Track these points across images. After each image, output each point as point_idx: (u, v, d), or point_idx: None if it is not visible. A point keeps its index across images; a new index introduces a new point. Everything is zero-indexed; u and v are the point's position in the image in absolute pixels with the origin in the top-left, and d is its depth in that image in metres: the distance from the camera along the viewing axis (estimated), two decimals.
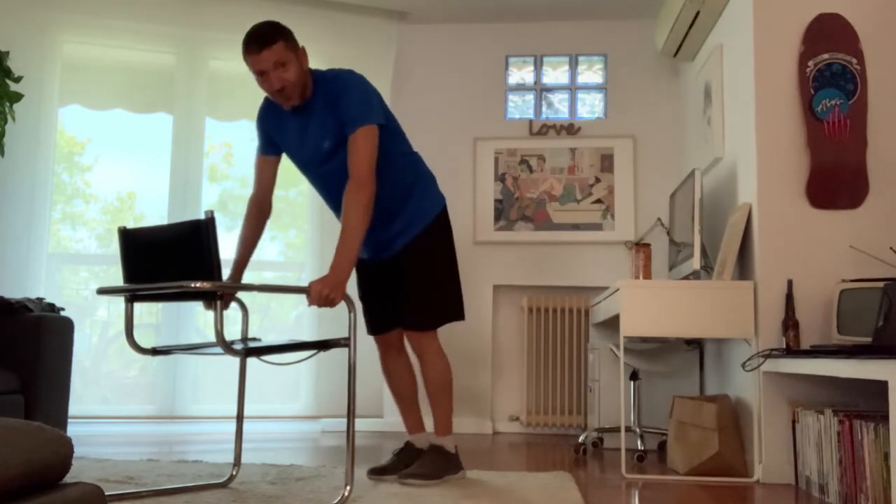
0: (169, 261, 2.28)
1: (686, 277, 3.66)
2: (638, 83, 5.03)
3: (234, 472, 2.73)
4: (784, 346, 3.04)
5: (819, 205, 3.19)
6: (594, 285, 4.89)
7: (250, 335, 2.85)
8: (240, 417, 2.83)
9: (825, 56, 3.23)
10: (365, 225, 2.54)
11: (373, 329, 2.99)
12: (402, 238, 2.83)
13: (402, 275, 2.84)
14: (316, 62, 4.93)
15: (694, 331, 3.17)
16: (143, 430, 4.52)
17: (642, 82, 5.03)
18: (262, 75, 2.60)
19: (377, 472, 2.87)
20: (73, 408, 4.36)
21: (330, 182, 2.77)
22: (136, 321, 2.47)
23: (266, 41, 2.55)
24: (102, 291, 2.36)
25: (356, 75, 2.70)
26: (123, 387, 4.58)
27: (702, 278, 3.61)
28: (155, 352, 2.49)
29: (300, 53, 2.64)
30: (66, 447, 1.41)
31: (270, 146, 2.83)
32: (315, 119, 2.69)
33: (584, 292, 4.94)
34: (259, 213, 2.83)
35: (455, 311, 2.86)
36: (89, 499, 1.40)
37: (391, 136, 2.77)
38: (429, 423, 4.13)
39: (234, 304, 2.76)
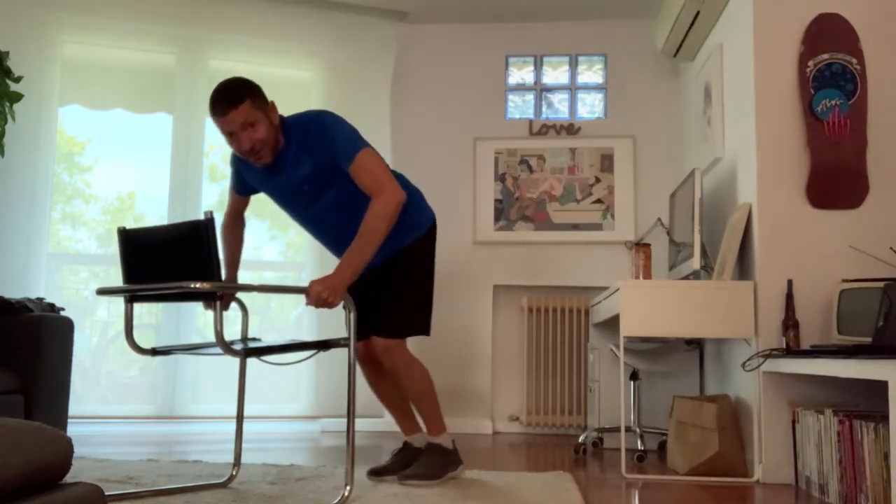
0: (168, 261, 2.27)
1: (686, 277, 3.66)
2: (638, 83, 5.03)
3: (234, 472, 2.73)
4: (784, 346, 3.04)
5: (819, 205, 3.19)
6: (594, 285, 4.89)
7: (250, 335, 2.85)
8: (240, 417, 2.83)
9: (825, 56, 3.24)
10: (384, 235, 2.51)
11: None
12: (388, 248, 2.81)
13: (387, 283, 2.82)
14: (316, 62, 4.93)
15: (694, 331, 3.17)
16: (143, 430, 4.52)
17: (642, 82, 5.03)
18: (230, 136, 2.55)
19: (377, 473, 2.87)
20: (73, 408, 4.36)
21: (319, 222, 2.75)
22: (136, 321, 2.47)
23: (232, 102, 2.49)
24: (102, 292, 2.36)
25: (329, 113, 2.67)
26: (123, 387, 4.58)
27: (702, 278, 3.61)
28: (155, 352, 2.49)
29: (269, 110, 2.59)
30: (66, 447, 1.41)
31: (244, 188, 2.85)
32: (290, 164, 2.65)
33: (584, 292, 4.94)
34: (234, 227, 2.92)
35: (422, 325, 2.82)
36: (89, 499, 1.40)
37: None
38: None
39: (233, 305, 2.77)
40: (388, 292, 2.81)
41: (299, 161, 2.63)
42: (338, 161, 2.60)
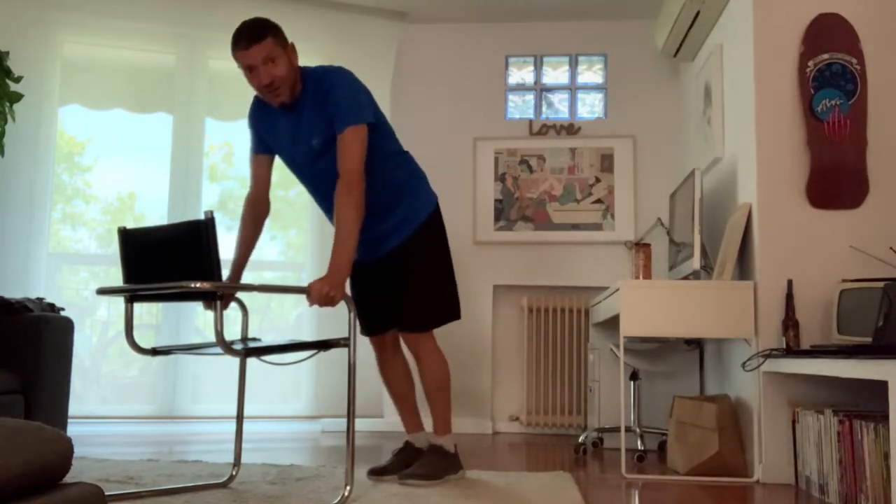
0: (168, 261, 2.27)
1: (686, 277, 3.66)
2: (638, 83, 5.03)
3: (234, 472, 2.73)
4: (784, 346, 3.04)
5: (819, 205, 3.19)
6: (594, 285, 4.89)
7: (250, 335, 2.85)
8: (240, 417, 2.83)
9: (825, 56, 3.23)
10: (358, 223, 2.52)
11: (368, 330, 2.96)
12: (394, 237, 2.81)
13: (397, 275, 2.82)
14: (316, 62, 4.93)
15: (694, 331, 3.17)
16: (143, 430, 4.52)
17: (642, 82, 5.03)
18: (250, 71, 2.58)
19: (377, 473, 2.87)
20: (73, 408, 4.36)
21: (320, 181, 2.74)
22: (136, 321, 2.47)
23: (255, 37, 2.53)
24: (102, 291, 2.36)
25: (345, 72, 2.67)
26: (123, 387, 4.58)
27: (702, 278, 3.61)
28: (155, 352, 2.49)
29: (289, 50, 2.62)
30: (66, 447, 1.41)
31: (262, 145, 2.82)
32: (305, 116, 2.67)
33: (584, 292, 4.94)
34: (256, 213, 2.82)
35: (451, 310, 2.84)
36: (89, 499, 1.40)
37: (381, 134, 2.75)
38: (427, 422, 4.13)
39: (233, 305, 2.76)
40: (405, 285, 2.79)
41: (312, 113, 2.65)
42: (333, 122, 2.61)
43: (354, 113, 2.59)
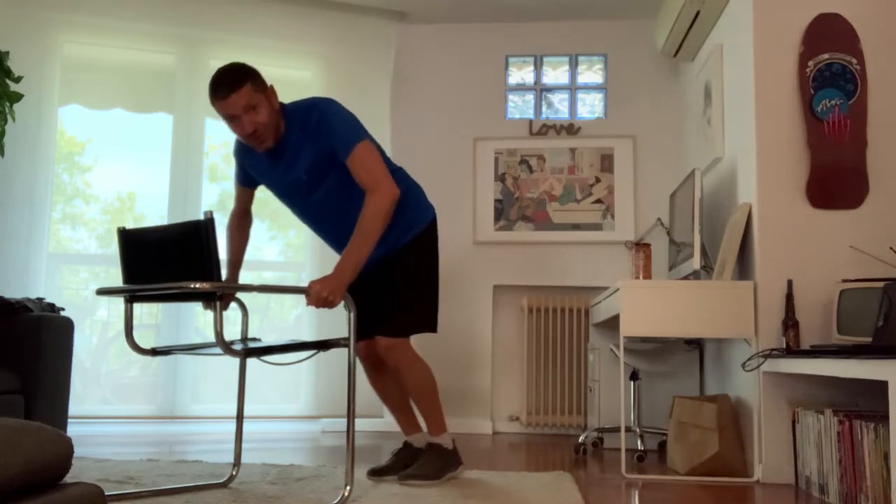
0: (168, 261, 2.27)
1: (686, 277, 3.66)
2: (638, 83, 5.03)
3: (235, 472, 2.73)
4: (784, 346, 3.04)
5: (819, 205, 3.19)
6: (594, 285, 4.89)
7: (250, 335, 2.85)
8: (240, 417, 2.83)
9: (825, 56, 3.24)
10: (379, 232, 2.52)
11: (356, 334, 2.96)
12: (390, 245, 2.81)
13: (387, 281, 2.82)
14: (316, 62, 4.93)
15: (694, 331, 3.17)
16: (143, 430, 4.52)
17: (642, 82, 5.03)
18: (232, 120, 2.55)
19: (377, 473, 2.87)
20: (73, 408, 4.36)
21: (316, 214, 2.75)
22: (135, 321, 2.47)
23: (232, 85, 2.49)
24: (102, 292, 2.36)
25: (331, 101, 2.67)
26: (123, 387, 4.58)
27: (702, 278, 3.61)
28: (155, 352, 2.49)
29: (269, 93, 2.59)
30: (66, 447, 1.41)
31: (248, 179, 2.85)
32: (291, 153, 2.66)
33: (584, 292, 4.94)
34: (242, 223, 2.91)
35: (428, 321, 2.81)
36: (89, 499, 1.40)
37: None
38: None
39: (233, 305, 2.77)
40: (389, 291, 2.79)
41: (300, 148, 2.64)
42: (336, 151, 2.60)
43: (354, 133, 2.60)
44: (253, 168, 2.78)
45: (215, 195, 4.86)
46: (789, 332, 3.02)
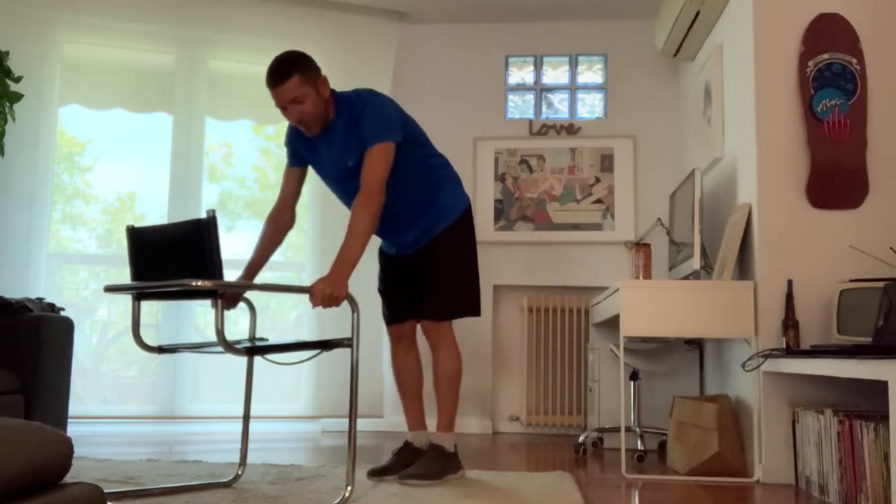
0: (173, 259, 2.29)
1: (686, 277, 3.66)
2: (638, 83, 5.03)
3: (240, 472, 2.74)
4: (784, 346, 3.04)
5: (819, 205, 3.19)
6: (594, 285, 4.89)
7: (248, 335, 2.85)
8: (246, 417, 2.83)
9: (825, 56, 3.24)
10: (369, 232, 2.60)
11: (390, 317, 3.05)
12: (427, 235, 2.91)
13: (426, 267, 2.91)
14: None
15: (694, 331, 3.17)
16: (143, 430, 4.52)
17: (642, 82, 5.03)
18: (283, 108, 2.69)
19: (377, 473, 2.87)
20: (73, 408, 4.36)
21: (352, 195, 2.84)
22: None
23: (279, 78, 2.63)
24: (110, 289, 2.37)
25: (376, 95, 2.78)
26: (123, 387, 4.58)
27: (702, 278, 3.61)
28: (161, 350, 2.50)
29: (320, 83, 2.70)
30: (66, 447, 1.41)
31: (298, 158, 2.93)
32: (339, 139, 2.77)
33: (584, 292, 4.94)
34: (278, 224, 2.92)
35: (472, 306, 2.92)
36: (89, 499, 1.40)
37: (414, 142, 2.85)
38: (430, 421, 4.13)
39: (242, 305, 2.79)
40: (427, 278, 2.89)
41: (347, 136, 2.75)
42: (365, 140, 2.70)
43: (382, 132, 2.69)
44: (305, 149, 2.88)
45: (215, 195, 4.85)
46: (789, 332, 3.02)
